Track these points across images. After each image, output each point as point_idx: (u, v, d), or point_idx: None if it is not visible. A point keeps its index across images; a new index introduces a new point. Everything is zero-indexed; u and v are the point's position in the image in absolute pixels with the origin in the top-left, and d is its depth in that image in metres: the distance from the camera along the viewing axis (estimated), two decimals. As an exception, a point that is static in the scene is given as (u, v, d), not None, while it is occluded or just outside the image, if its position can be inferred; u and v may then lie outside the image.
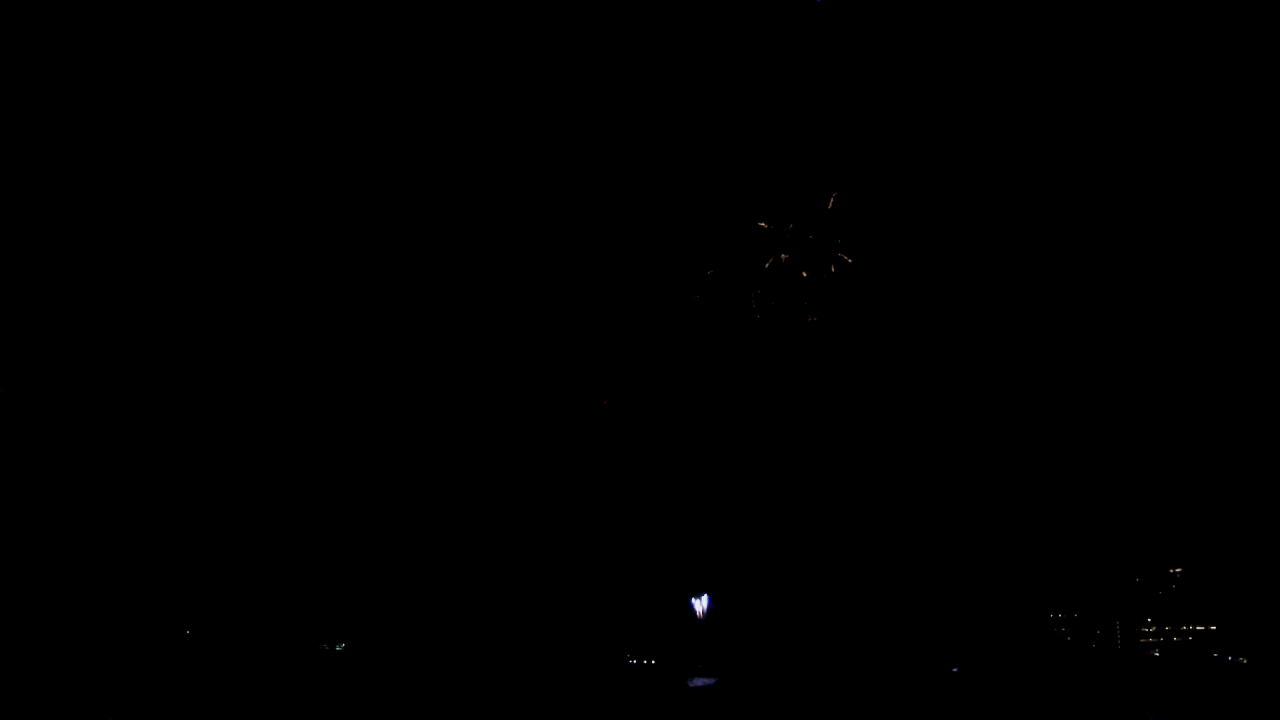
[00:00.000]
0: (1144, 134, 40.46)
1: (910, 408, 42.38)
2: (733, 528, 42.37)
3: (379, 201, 43.42)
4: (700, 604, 41.56)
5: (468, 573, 42.26)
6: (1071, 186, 41.33)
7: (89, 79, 41.08)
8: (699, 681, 38.87)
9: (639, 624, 41.56)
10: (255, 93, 42.09)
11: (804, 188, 41.82)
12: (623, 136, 42.59)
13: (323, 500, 42.57)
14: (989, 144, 41.33)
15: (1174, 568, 40.87)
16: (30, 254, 41.68)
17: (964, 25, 40.41)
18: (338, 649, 41.35)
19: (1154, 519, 40.86)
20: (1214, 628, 39.92)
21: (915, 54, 40.87)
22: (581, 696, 37.62)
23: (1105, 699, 37.09)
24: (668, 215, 42.29)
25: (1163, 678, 39.12)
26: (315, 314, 43.48)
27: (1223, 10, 38.78)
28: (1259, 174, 39.49)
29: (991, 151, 41.43)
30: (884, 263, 41.89)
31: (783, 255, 41.57)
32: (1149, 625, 40.69)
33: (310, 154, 42.74)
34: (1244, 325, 40.40)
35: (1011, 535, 41.27)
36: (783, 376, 42.30)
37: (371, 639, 41.40)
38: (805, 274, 41.46)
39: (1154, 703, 36.19)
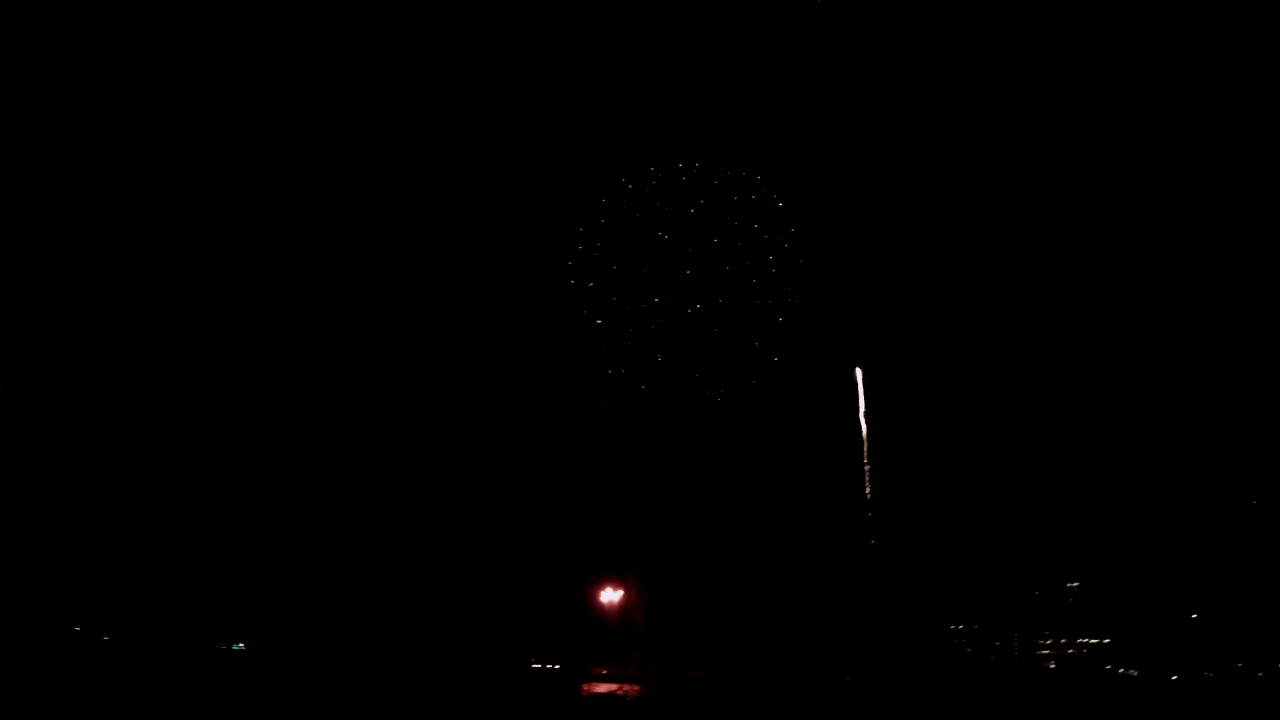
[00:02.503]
0: (1142, 134, 41.92)
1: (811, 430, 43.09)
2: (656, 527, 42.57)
3: (378, 202, 43.86)
4: None
5: (377, 576, 41.97)
6: (1069, 186, 42.66)
7: (89, 79, 41.47)
8: None
9: (545, 627, 41.38)
10: (244, 96, 42.71)
11: (802, 187, 42.72)
12: (622, 136, 43.47)
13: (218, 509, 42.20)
14: (987, 143, 42.67)
15: (1070, 582, 41.73)
16: (30, 254, 41.63)
17: (963, 25, 41.76)
18: (235, 648, 40.66)
19: (1050, 534, 41.78)
20: (1108, 641, 40.72)
21: (913, 54, 42.15)
22: (484, 700, 37.15)
23: (1003, 709, 37.42)
24: (667, 214, 43.07)
25: (1058, 689, 39.69)
26: (277, 313, 43.56)
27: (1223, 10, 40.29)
28: (1259, 174, 40.91)
29: (989, 151, 42.75)
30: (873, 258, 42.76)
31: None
32: (1045, 638, 41.39)
33: (307, 154, 43.31)
34: (1152, 353, 41.71)
35: (913, 548, 41.91)
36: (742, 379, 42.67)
37: (271, 640, 40.77)
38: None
39: (1050, 713, 36.59)
